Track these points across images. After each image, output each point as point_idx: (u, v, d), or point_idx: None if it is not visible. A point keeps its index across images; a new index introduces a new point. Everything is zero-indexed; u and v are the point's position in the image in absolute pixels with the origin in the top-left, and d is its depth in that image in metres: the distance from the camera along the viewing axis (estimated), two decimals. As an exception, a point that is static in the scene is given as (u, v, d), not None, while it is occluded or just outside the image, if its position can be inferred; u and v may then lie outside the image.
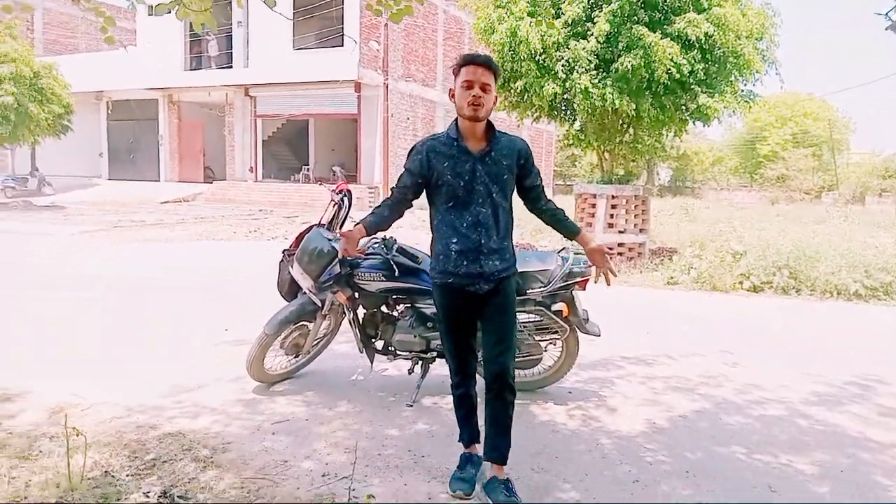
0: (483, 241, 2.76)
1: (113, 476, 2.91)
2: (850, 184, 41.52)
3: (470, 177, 2.75)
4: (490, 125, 2.81)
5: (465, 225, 2.77)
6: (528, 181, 2.92)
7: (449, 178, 2.76)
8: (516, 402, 2.76)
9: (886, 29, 4.69)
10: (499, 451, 2.82)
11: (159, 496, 2.75)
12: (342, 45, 20.45)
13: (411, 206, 2.96)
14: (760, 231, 11.61)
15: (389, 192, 2.94)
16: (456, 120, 2.82)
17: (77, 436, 2.83)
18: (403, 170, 2.90)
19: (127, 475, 2.94)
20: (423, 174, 2.81)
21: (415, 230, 11.65)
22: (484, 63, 2.71)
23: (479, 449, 2.99)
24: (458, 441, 3.05)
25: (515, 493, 2.73)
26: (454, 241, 2.79)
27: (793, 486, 3.01)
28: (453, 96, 2.77)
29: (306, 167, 24.75)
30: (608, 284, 2.86)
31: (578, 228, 2.93)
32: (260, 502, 2.75)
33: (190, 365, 4.59)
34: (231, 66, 22.94)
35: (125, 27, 26.14)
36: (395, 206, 2.92)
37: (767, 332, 6.21)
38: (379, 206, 2.95)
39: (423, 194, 2.92)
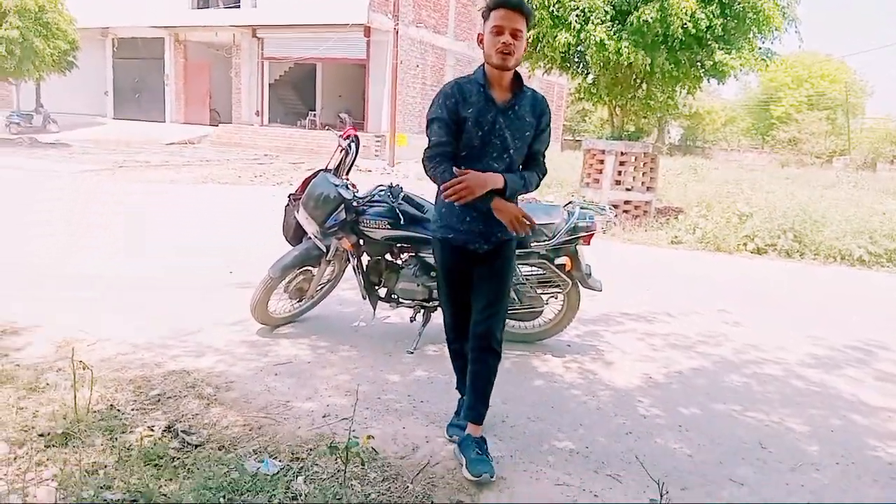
0: (490, 199, 2.53)
1: (118, 410, 2.98)
2: (863, 149, 41.00)
3: (490, 128, 2.56)
4: (518, 76, 2.63)
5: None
6: (535, 145, 2.70)
7: (469, 126, 2.56)
8: (516, 352, 2.76)
9: None
10: (475, 411, 2.76)
11: (164, 430, 2.82)
12: (353, -13, 20.06)
13: None
14: (768, 194, 11.53)
15: (432, 150, 2.60)
16: (483, 66, 2.61)
17: (84, 370, 2.88)
18: (433, 120, 2.61)
19: (132, 409, 3.01)
20: (453, 119, 2.56)
21: (420, 181, 11.61)
22: (517, 6, 2.48)
23: None
24: (456, 389, 3.09)
25: (487, 451, 2.67)
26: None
27: (783, 443, 3.07)
28: (482, 41, 2.55)
29: (313, 112, 24.51)
30: (519, 232, 2.55)
31: (510, 186, 2.56)
32: (262, 439, 2.82)
33: (194, 306, 4.65)
34: (239, 6, 22.53)
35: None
36: (451, 149, 2.60)
37: (769, 294, 6.23)
38: (442, 167, 2.57)
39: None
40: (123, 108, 26.41)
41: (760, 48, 10.21)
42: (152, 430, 2.81)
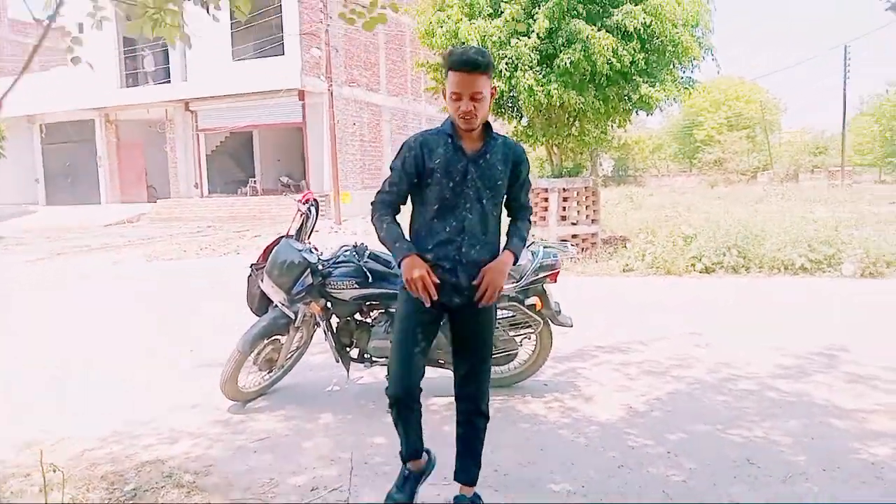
0: (464, 251, 2.50)
1: (94, 510, 2.82)
2: (784, 162, 43.14)
3: (461, 178, 2.48)
4: (487, 124, 2.55)
5: (447, 230, 2.50)
6: (514, 191, 2.63)
7: (439, 177, 2.49)
8: (497, 398, 2.67)
9: (887, 10, 4.79)
10: (468, 474, 2.66)
11: (147, 526, 2.68)
12: (283, 54, 20.24)
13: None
14: (706, 213, 11.98)
15: (379, 196, 2.61)
16: (450, 117, 2.54)
17: (54, 472, 2.73)
18: (392, 169, 2.59)
19: (108, 508, 2.86)
20: (418, 171, 2.53)
21: (368, 235, 11.61)
22: (472, 69, 2.36)
23: (421, 463, 2.79)
24: (399, 455, 2.76)
25: None
26: (432, 246, 2.52)
27: (770, 457, 3.13)
28: (445, 96, 2.46)
29: (253, 179, 24.36)
30: (481, 302, 2.51)
31: (508, 251, 2.58)
32: (252, 522, 2.71)
33: (159, 390, 4.48)
34: (169, 81, 22.42)
35: (52, 46, 25.21)
36: (395, 207, 2.61)
37: (726, 311, 6.42)
38: (386, 221, 2.58)
39: None
40: (56, 194, 25.70)
41: (682, 78, 10.75)
42: (134, 528, 2.67)
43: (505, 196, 2.63)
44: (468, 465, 2.67)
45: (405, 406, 2.62)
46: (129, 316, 7.17)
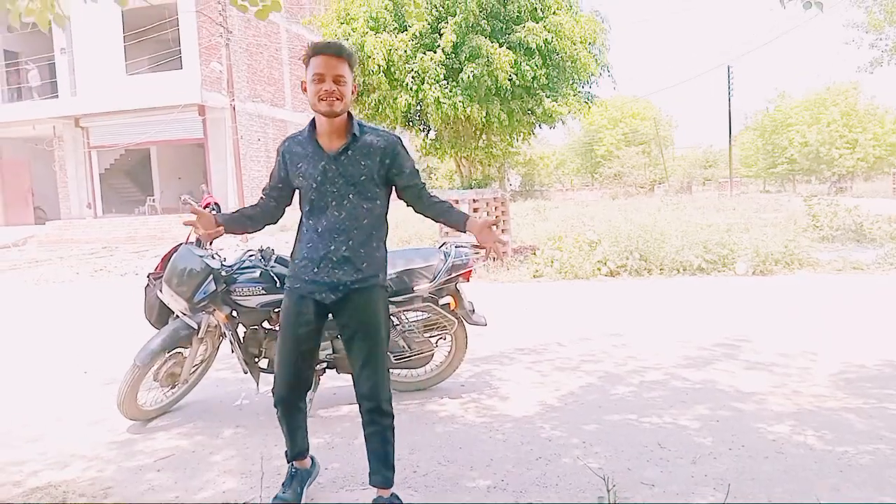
0: (333, 248, 2.51)
1: (-27, 544, 2.55)
2: (678, 176, 45.63)
3: (322, 178, 2.50)
4: (350, 120, 2.55)
5: (318, 230, 2.54)
6: (402, 181, 2.61)
7: (301, 180, 2.54)
8: (414, 401, 2.65)
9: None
10: (381, 476, 2.60)
11: (35, 556, 2.44)
12: (181, 68, 19.56)
13: (283, 212, 2.75)
14: (608, 222, 12.43)
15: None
16: (314, 117, 2.55)
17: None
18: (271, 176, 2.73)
19: (-9, 540, 2.59)
20: (282, 177, 2.62)
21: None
22: (335, 52, 2.44)
23: (307, 463, 2.84)
24: (285, 455, 2.80)
25: None
26: (307, 246, 2.56)
27: (680, 441, 3.23)
28: (305, 90, 2.50)
29: (151, 198, 23.30)
30: (497, 257, 2.71)
31: (466, 214, 2.63)
32: (155, 542, 2.52)
33: (50, 413, 4.14)
34: (57, 96, 21.15)
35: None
36: (259, 208, 2.72)
37: (631, 310, 6.65)
38: (246, 208, 2.77)
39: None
40: (-72, 218, 23.62)
41: (581, 93, 11.18)
42: (20, 559, 2.42)
43: (380, 189, 2.60)
44: (380, 468, 2.61)
45: (290, 405, 2.68)
46: (15, 339, 6.62)
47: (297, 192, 2.65)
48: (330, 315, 2.64)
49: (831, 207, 12.02)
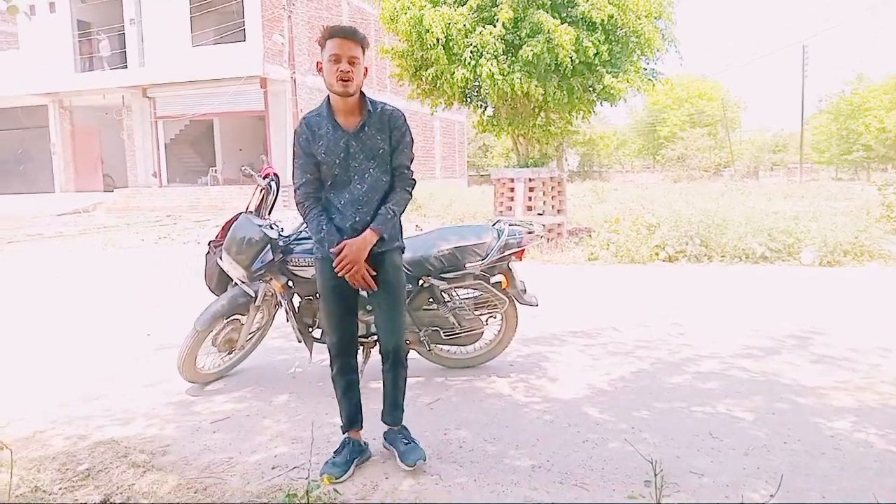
0: (358, 219, 2.72)
1: (44, 491, 2.70)
2: (744, 160, 44.10)
3: (344, 154, 2.69)
4: (363, 98, 2.73)
5: (342, 203, 2.74)
6: (395, 160, 2.78)
7: (324, 157, 2.70)
8: (462, 378, 2.76)
9: None
10: (392, 416, 2.93)
11: (98, 506, 2.57)
12: (244, 40, 19.88)
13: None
14: (669, 206, 12.13)
15: (300, 190, 2.80)
16: (328, 97, 2.74)
17: (2, 450, 2.60)
18: (294, 162, 2.82)
19: (59, 489, 2.74)
20: (311, 153, 2.74)
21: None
22: (350, 35, 2.64)
23: (361, 435, 2.95)
24: (341, 428, 2.95)
25: (413, 440, 2.87)
26: (334, 217, 2.75)
27: (733, 431, 3.15)
28: (321, 70, 2.68)
29: (214, 169, 23.91)
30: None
31: (375, 225, 2.71)
32: (210, 501, 2.62)
33: (114, 373, 4.33)
34: (126, 66, 21.83)
35: (4, 30, 24.35)
36: (318, 195, 2.81)
37: (690, 297, 6.49)
38: (312, 214, 2.77)
39: None
40: (6, 182, 24.85)
41: (645, 69, 10.84)
42: (85, 508, 2.56)
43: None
44: (392, 409, 2.93)
45: (343, 362, 2.88)
46: (84, 301, 6.94)
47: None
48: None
49: (907, 197, 11.40)
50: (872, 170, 41.54)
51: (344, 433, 2.92)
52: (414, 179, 2.88)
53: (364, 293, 2.85)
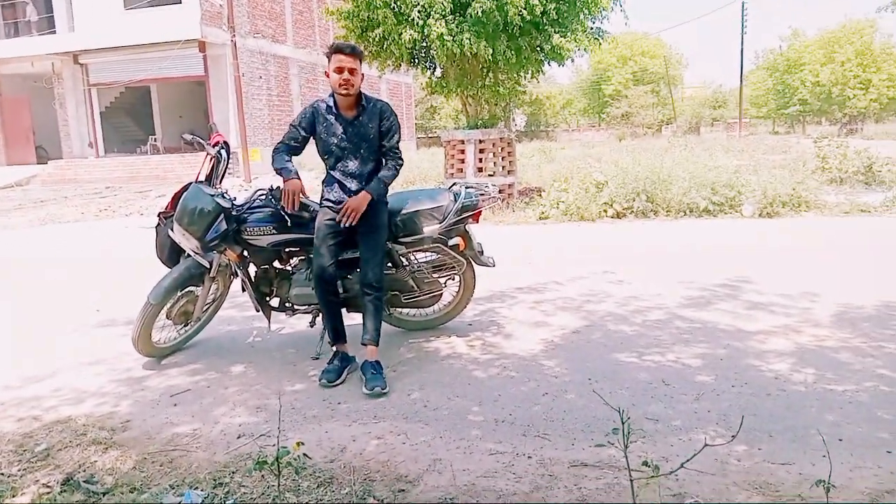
0: (351, 188, 3.56)
1: (2, 473, 2.65)
2: (686, 116, 44.93)
3: (343, 136, 3.52)
4: (360, 95, 3.51)
5: (339, 173, 3.59)
6: (385, 143, 3.59)
7: (325, 137, 3.54)
8: (421, 339, 2.99)
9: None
10: (371, 335, 3.49)
11: (62, 484, 2.54)
12: (180, 2, 19.08)
13: (299, 154, 3.64)
14: (615, 164, 12.34)
15: (278, 144, 3.63)
16: (333, 93, 3.50)
17: (-48, 434, 2.53)
18: (291, 126, 3.61)
19: (18, 469, 2.69)
20: (306, 128, 3.56)
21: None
22: (350, 52, 3.39)
23: (347, 348, 3.58)
24: (329, 342, 3.62)
25: (381, 372, 3.37)
26: (334, 185, 3.60)
27: (683, 378, 3.31)
28: (328, 76, 3.43)
29: (153, 137, 23.10)
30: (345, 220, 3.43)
31: (369, 188, 3.50)
32: (176, 473, 2.62)
33: (62, 351, 4.22)
34: (54, 32, 20.70)
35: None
36: (290, 152, 3.61)
37: (636, 251, 6.69)
38: (277, 154, 3.58)
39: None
40: (-71, 156, 23.47)
41: (591, 28, 10.87)
42: (49, 487, 2.52)
43: (379, 143, 3.59)
44: (368, 328, 3.51)
45: (326, 286, 3.53)
46: (27, 278, 6.71)
47: (317, 144, 3.62)
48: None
49: (841, 149, 11.88)
50: (808, 123, 42.96)
51: (332, 345, 3.58)
52: (402, 159, 3.69)
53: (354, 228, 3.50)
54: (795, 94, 39.98)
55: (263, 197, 3.69)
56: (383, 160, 3.62)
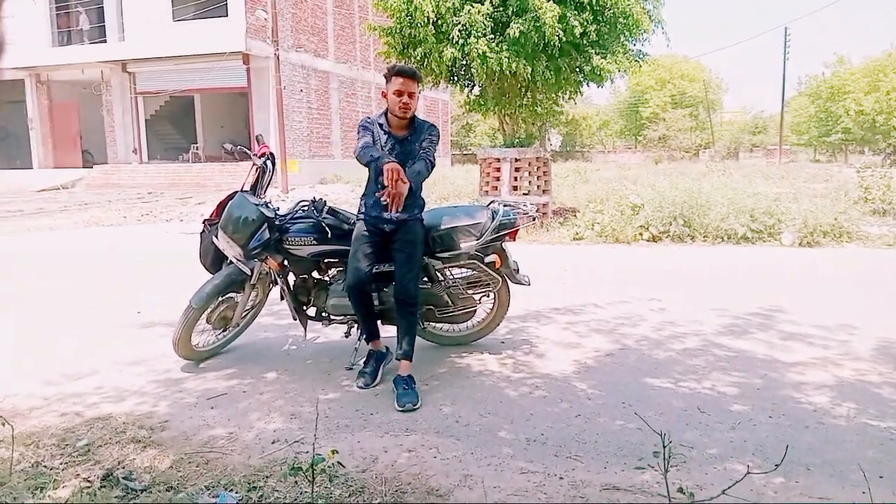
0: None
1: (45, 466, 2.73)
2: (725, 141, 44.41)
3: (390, 152, 3.51)
4: (414, 118, 3.59)
5: (382, 185, 3.38)
6: (422, 148, 3.59)
7: None
8: (454, 354, 2.93)
9: None
10: (405, 350, 3.54)
11: (102, 479, 2.61)
12: (226, 15, 19.58)
13: None
14: (652, 187, 12.26)
15: (358, 149, 3.54)
16: (386, 111, 3.57)
17: (2, 425, 2.62)
18: (359, 137, 3.59)
19: (60, 463, 2.77)
20: (372, 132, 3.57)
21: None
22: (411, 75, 3.45)
23: (381, 345, 3.76)
24: (365, 340, 3.79)
25: (414, 387, 3.40)
26: (374, 194, 3.50)
27: (719, 406, 3.26)
28: (386, 96, 3.51)
29: (195, 146, 23.64)
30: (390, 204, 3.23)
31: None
32: (212, 474, 2.67)
33: (105, 351, 4.34)
34: (105, 41, 21.40)
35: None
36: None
37: (672, 276, 6.61)
38: (365, 149, 3.45)
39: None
40: (-18, 158, 24.36)
41: (632, 51, 10.87)
42: (89, 482, 2.59)
43: None
44: (403, 344, 3.56)
45: (359, 292, 3.60)
46: (71, 280, 6.91)
47: None
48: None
49: (885, 180, 11.62)
50: (850, 152, 42.08)
51: (368, 343, 3.76)
52: (434, 160, 3.60)
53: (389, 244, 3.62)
54: (838, 122, 39.24)
55: (306, 208, 3.76)
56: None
